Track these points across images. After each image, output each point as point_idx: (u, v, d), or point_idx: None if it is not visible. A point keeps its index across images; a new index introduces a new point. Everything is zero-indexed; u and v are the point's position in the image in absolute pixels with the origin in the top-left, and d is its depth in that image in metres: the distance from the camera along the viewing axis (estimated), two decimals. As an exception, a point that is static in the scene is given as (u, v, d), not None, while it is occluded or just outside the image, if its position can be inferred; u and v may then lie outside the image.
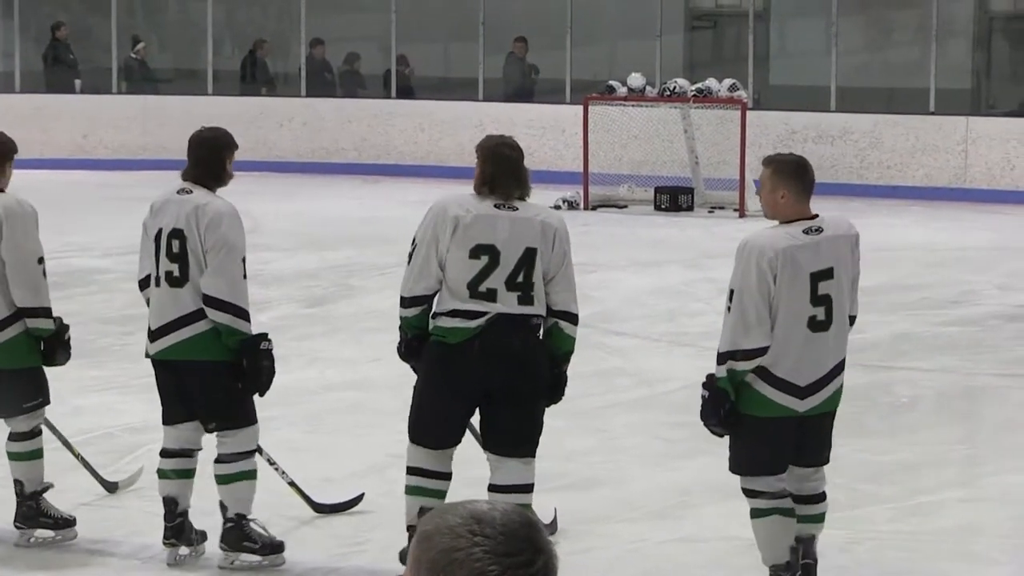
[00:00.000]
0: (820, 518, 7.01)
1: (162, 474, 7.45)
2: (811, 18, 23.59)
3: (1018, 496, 8.71)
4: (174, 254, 7.25)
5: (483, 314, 6.94)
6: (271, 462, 7.73)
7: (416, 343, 7.17)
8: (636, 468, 9.15)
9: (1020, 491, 8.80)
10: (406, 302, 7.13)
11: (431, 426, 7.15)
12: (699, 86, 19.86)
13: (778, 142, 18.93)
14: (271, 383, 7.41)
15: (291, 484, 8.03)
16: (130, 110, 23.80)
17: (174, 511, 7.40)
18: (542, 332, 7.12)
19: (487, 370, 7.00)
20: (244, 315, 7.27)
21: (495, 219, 7.01)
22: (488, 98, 23.24)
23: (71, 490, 8.05)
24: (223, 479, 7.39)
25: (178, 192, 7.38)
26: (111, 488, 8.43)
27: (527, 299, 6.98)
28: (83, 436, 8.45)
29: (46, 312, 7.61)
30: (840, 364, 6.88)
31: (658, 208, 19.82)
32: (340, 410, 9.12)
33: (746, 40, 22.92)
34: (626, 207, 20.11)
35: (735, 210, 19.15)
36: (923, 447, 9.72)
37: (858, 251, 6.94)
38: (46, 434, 7.88)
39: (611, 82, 20.30)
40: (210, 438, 7.43)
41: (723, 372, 6.79)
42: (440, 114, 21.59)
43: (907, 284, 14.39)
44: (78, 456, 8.33)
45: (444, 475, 7.16)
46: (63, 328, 7.70)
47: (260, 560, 7.43)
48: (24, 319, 7.57)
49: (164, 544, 7.45)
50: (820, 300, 6.77)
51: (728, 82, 19.96)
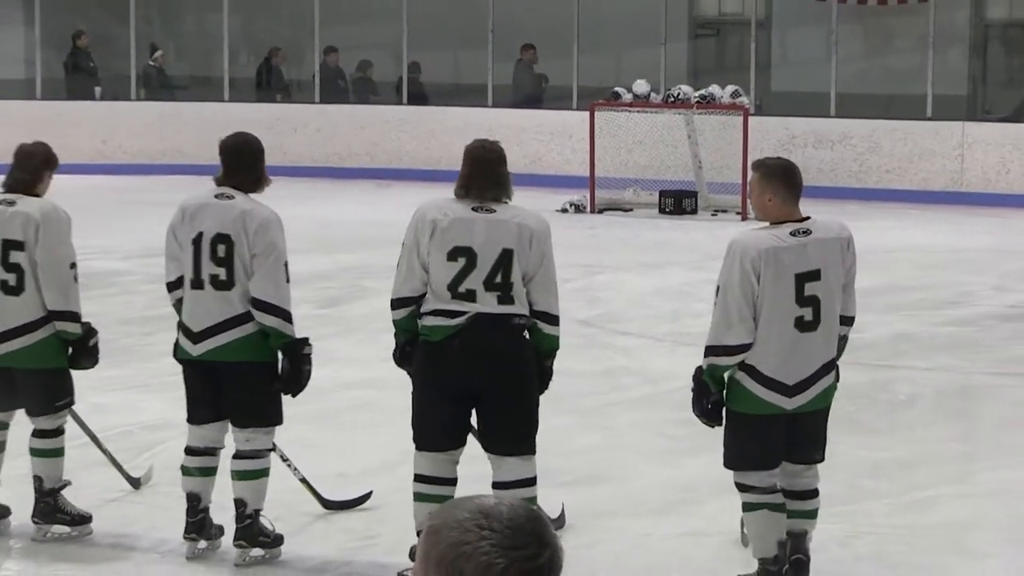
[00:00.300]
0: (812, 514, 7.00)
1: (186, 471, 7.44)
2: (811, 26, 23.60)
3: (1013, 492, 8.71)
4: (220, 258, 7.20)
5: (463, 313, 6.93)
6: (284, 459, 7.74)
7: (409, 348, 7.14)
8: (641, 464, 9.16)
9: (1015, 487, 8.81)
10: (394, 304, 7.12)
11: (427, 428, 7.11)
12: (702, 92, 19.88)
13: (779, 147, 18.91)
14: (306, 385, 7.42)
15: (302, 481, 8.03)
16: (148, 116, 23.83)
17: (196, 507, 7.40)
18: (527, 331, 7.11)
19: (469, 369, 6.96)
20: (290, 318, 7.28)
21: (472, 222, 6.98)
22: (497, 104, 23.26)
23: (88, 486, 8.06)
24: (245, 475, 7.37)
25: (216, 197, 7.32)
26: (135, 484, 8.44)
27: (507, 299, 6.96)
28: (103, 433, 8.45)
29: (74, 316, 7.61)
30: (830, 363, 6.85)
31: (663, 211, 19.85)
32: (353, 408, 9.13)
33: (748, 48, 22.94)
34: (631, 210, 20.14)
35: (737, 213, 19.17)
36: (920, 444, 9.73)
37: (851, 253, 6.91)
38: (68, 431, 7.89)
39: (617, 89, 20.32)
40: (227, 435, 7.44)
41: (707, 365, 6.84)
42: (450, 120, 21.59)
43: (905, 285, 14.39)
44: (105, 452, 8.34)
45: (447, 481, 7.11)
46: (90, 333, 7.68)
47: (263, 554, 7.44)
48: (54, 322, 7.57)
49: (184, 538, 7.45)
50: (807, 301, 6.75)
51: (731, 88, 19.98)
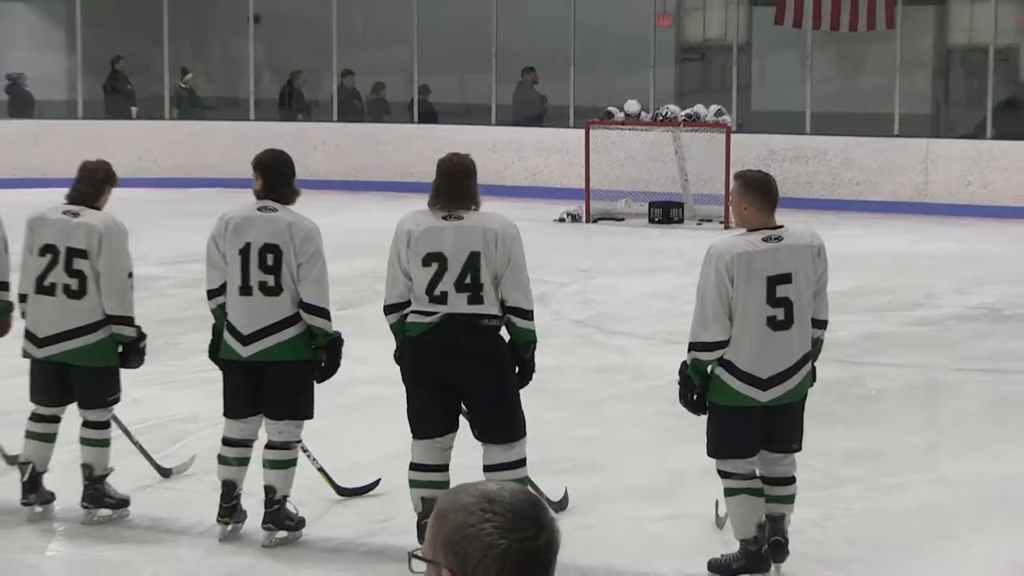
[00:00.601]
0: (789, 499, 6.99)
1: (223, 460, 7.45)
2: (788, 51, 23.59)
3: (974, 478, 8.70)
4: (268, 266, 7.22)
5: (436, 313, 6.97)
6: (304, 449, 7.74)
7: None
8: (633, 453, 9.15)
9: (976, 474, 8.79)
10: (386, 310, 7.18)
11: (416, 416, 7.13)
12: (688, 112, 19.91)
13: (759, 162, 18.88)
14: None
15: (320, 470, 8.04)
16: (180, 134, 23.85)
17: (231, 493, 7.42)
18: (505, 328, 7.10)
19: (444, 364, 6.99)
20: (331, 318, 7.36)
21: (441, 230, 7.00)
22: (500, 122, 23.28)
23: (127, 473, 8.04)
24: (277, 464, 7.38)
25: (259, 210, 7.32)
26: (165, 473, 8.44)
27: (476, 299, 6.95)
28: (140, 425, 8.45)
29: (130, 321, 7.65)
30: (804, 358, 6.84)
31: (652, 221, 19.87)
32: (365, 403, 9.12)
33: (730, 71, 22.96)
34: (624, 220, 20.14)
35: (721, 222, 19.16)
36: (890, 434, 9.72)
37: (823, 259, 6.90)
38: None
39: (610, 108, 20.35)
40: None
41: (689, 360, 6.84)
42: (457, 137, 21.55)
43: (875, 289, 14.39)
44: (137, 444, 8.35)
45: (438, 467, 7.11)
46: (142, 336, 7.72)
47: (288, 535, 7.44)
48: (111, 325, 7.60)
49: (218, 521, 7.45)
50: (779, 302, 6.75)
51: (714, 108, 20.00)
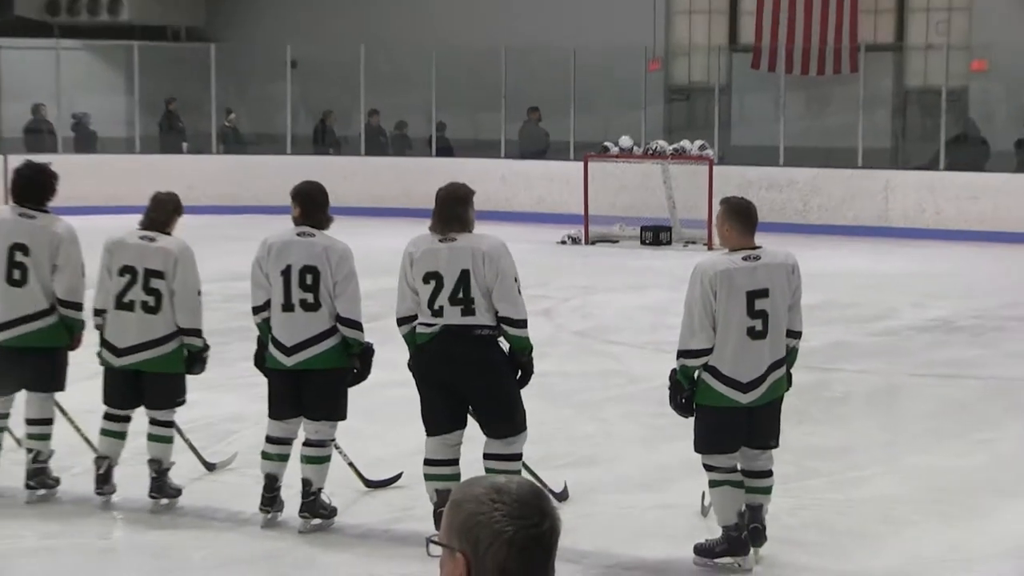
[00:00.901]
0: (767, 490, 7.00)
1: (267, 456, 7.48)
2: (764, 92, 23.62)
3: (929, 471, 8.69)
4: (307, 285, 7.26)
5: (436, 325, 7.00)
6: (337, 447, 7.74)
7: None
8: (627, 449, 9.14)
9: (930, 467, 8.79)
10: (398, 323, 7.22)
11: (425, 416, 7.16)
12: (675, 146, 19.93)
13: (738, 190, 18.73)
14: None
15: (350, 464, 8.06)
16: (225, 167, 23.89)
17: (273, 485, 7.46)
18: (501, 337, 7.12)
19: (443, 370, 7.03)
20: (363, 330, 7.39)
21: (437, 251, 7.04)
22: (508, 156, 23.31)
23: (178, 466, 8.05)
24: (314, 460, 7.40)
25: (298, 235, 7.35)
26: (210, 467, 8.46)
27: (469, 311, 6.96)
28: (189, 424, 8.46)
29: (199, 333, 7.73)
30: (777, 363, 6.84)
31: (643, 243, 19.87)
32: (389, 404, 9.11)
33: (713, 110, 22.97)
34: (618, 242, 20.15)
35: (704, 244, 19.15)
36: (854, 432, 9.72)
37: (797, 277, 6.91)
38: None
39: (606, 143, 20.37)
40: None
41: (678, 366, 6.84)
42: (470, 169, 21.50)
43: (841, 303, 14.38)
44: (187, 441, 8.36)
45: (448, 462, 7.12)
46: (207, 347, 7.78)
47: (321, 523, 7.46)
48: (182, 336, 7.67)
49: (260, 510, 7.47)
50: (757, 314, 6.75)
51: (698, 143, 20.02)
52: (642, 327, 13.60)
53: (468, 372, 7.03)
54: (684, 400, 6.88)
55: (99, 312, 7.74)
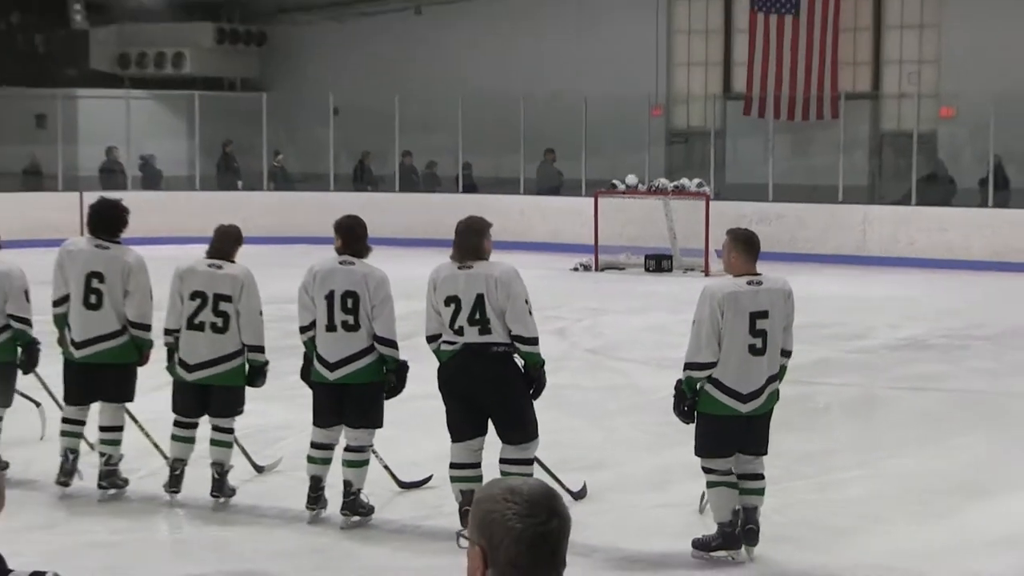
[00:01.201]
0: (760, 492, 6.98)
1: (312, 460, 7.50)
2: (754, 136, 23.61)
3: (904, 474, 8.67)
4: (348, 308, 7.27)
5: (457, 343, 7.02)
6: (374, 451, 7.75)
7: None
8: (632, 454, 9.13)
9: (905, 470, 8.76)
10: (428, 340, 7.25)
11: (450, 424, 7.19)
12: (676, 184, 19.93)
13: (732, 223, 18.66)
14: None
15: (385, 467, 8.06)
16: (274, 202, 23.95)
17: (317, 486, 7.48)
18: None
19: (464, 383, 7.04)
20: (399, 348, 7.38)
21: (456, 277, 7.05)
22: (527, 192, 23.33)
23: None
24: (354, 464, 7.42)
25: (340, 263, 7.37)
26: (259, 469, 8.48)
27: (485, 330, 6.97)
28: (242, 431, 8.47)
29: (262, 349, 7.79)
30: (772, 377, 6.85)
31: (647, 270, 19.85)
32: (421, 413, 9.10)
33: (709, 151, 22.96)
34: (624, 269, 20.14)
35: (702, 271, 19.14)
36: (836, 439, 9.69)
37: (791, 302, 6.92)
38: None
39: (614, 181, 20.38)
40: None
41: (684, 377, 6.82)
42: (492, 204, 21.48)
43: (824, 323, 14.35)
44: (240, 446, 8.36)
45: (471, 466, 7.13)
46: (267, 361, 7.82)
47: (360, 520, 7.46)
48: (247, 352, 7.71)
49: (306, 508, 7.49)
50: (758, 333, 6.76)
51: (696, 181, 20.02)
52: (646, 345, 13.58)
53: (486, 386, 7.04)
54: (687, 409, 6.87)
55: (169, 332, 7.78)
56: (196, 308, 7.67)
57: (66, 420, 8.08)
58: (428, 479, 8.15)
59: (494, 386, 7.04)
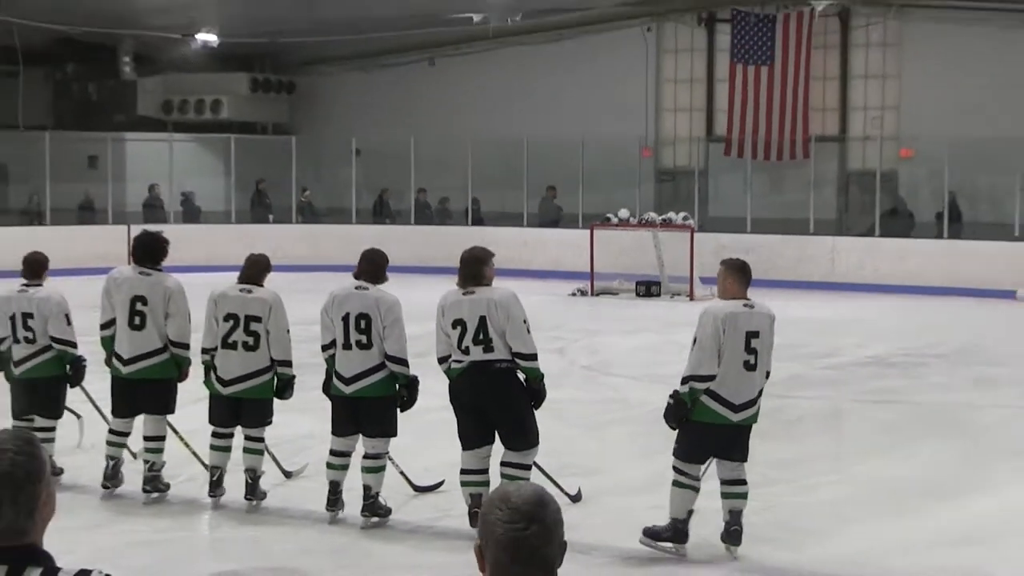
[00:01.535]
0: (744, 496, 6.93)
1: (331, 466, 7.46)
2: (734, 174, 23.62)
3: (871, 478, 8.63)
4: (362, 329, 7.25)
5: (464, 361, 6.99)
6: (391, 458, 7.70)
7: None
8: (625, 461, 9.09)
9: (872, 475, 8.72)
10: (439, 361, 7.22)
11: (460, 433, 7.16)
12: (664, 217, 19.93)
13: (714, 253, 18.84)
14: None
15: (401, 473, 8.02)
16: (302, 234, 23.98)
17: (336, 489, 7.44)
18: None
19: (472, 397, 7.01)
20: (408, 365, 7.34)
21: (461, 302, 7.03)
22: (530, 225, 23.32)
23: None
24: (372, 469, 7.38)
25: (356, 288, 7.35)
26: (287, 474, 8.43)
27: (489, 349, 6.94)
28: (271, 440, 8.43)
29: (290, 364, 7.76)
30: (760, 391, 6.85)
31: (638, 295, 19.83)
32: (433, 424, 9.07)
33: (693, 188, 22.98)
34: (618, 294, 20.11)
35: (687, 296, 19.11)
36: (808, 447, 9.66)
37: (774, 327, 6.92)
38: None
39: (608, 215, 20.37)
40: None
41: (685, 388, 6.77)
42: (498, 236, 21.57)
43: (796, 343, 14.31)
44: (270, 453, 8.33)
45: (479, 471, 7.10)
46: (294, 376, 7.78)
47: (378, 521, 7.42)
48: (276, 367, 7.68)
49: (327, 510, 7.45)
50: (751, 350, 6.75)
51: (682, 214, 20.01)
52: (638, 363, 13.55)
53: (492, 399, 7.01)
54: (684, 417, 6.79)
55: (206, 351, 7.77)
56: (229, 329, 7.65)
57: (112, 431, 8.07)
58: (440, 484, 8.11)
59: (499, 399, 7.02)
